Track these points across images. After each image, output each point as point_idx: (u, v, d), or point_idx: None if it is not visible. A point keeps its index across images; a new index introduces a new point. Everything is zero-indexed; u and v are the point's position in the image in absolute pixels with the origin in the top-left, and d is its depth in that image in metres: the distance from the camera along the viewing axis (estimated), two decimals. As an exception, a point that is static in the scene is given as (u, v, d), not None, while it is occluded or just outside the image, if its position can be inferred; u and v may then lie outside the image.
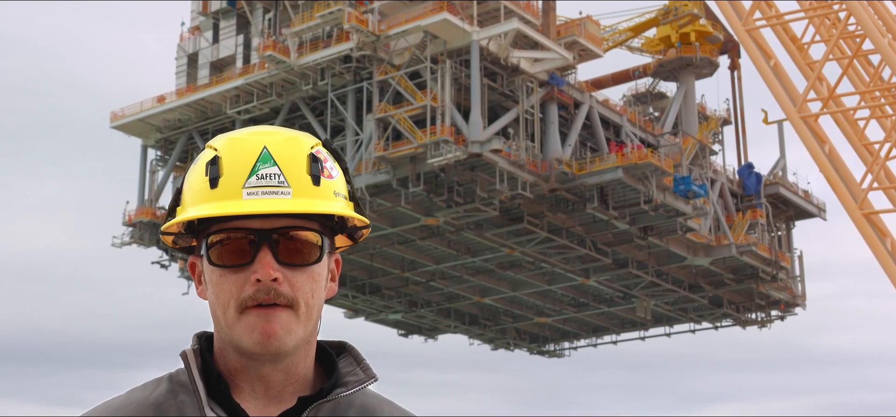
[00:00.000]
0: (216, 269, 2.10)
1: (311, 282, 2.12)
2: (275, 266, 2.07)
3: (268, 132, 2.14)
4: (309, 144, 2.16)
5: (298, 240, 2.11)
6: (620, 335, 65.73)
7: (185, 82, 51.43)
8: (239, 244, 2.09)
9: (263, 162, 2.08)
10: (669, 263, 54.55)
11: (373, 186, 45.10)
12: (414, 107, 44.19)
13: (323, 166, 2.14)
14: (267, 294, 2.06)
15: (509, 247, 50.33)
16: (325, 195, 2.12)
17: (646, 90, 59.14)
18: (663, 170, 47.03)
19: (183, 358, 2.16)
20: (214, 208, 2.07)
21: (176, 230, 2.19)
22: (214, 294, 2.12)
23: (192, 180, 2.14)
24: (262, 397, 2.14)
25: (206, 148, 2.16)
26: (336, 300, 57.64)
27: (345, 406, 2.18)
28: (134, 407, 2.13)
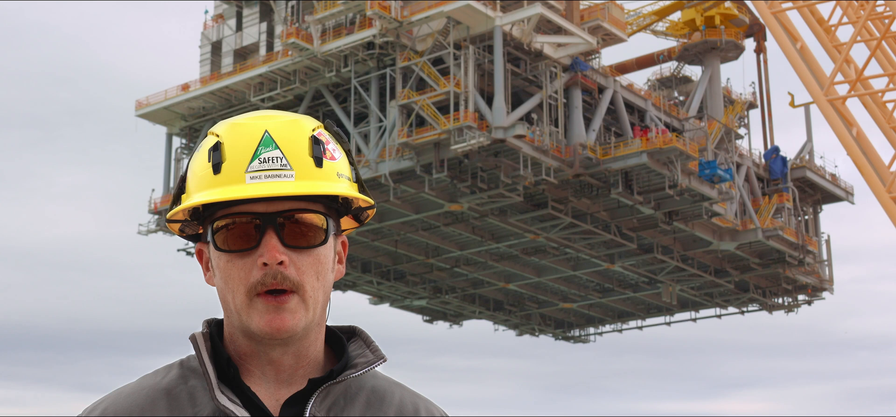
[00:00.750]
0: (223, 254, 2.11)
1: (317, 264, 2.13)
2: (281, 249, 2.07)
3: (269, 116, 2.14)
4: (310, 126, 2.16)
5: (303, 223, 2.12)
6: (646, 321, 65.59)
7: (209, 70, 51.59)
8: (244, 229, 2.10)
9: (265, 146, 2.09)
10: (695, 248, 54.32)
11: (397, 172, 45.09)
12: (437, 93, 44.11)
13: (325, 148, 2.15)
14: (274, 278, 2.07)
15: (534, 233, 50.22)
16: (327, 177, 2.13)
17: (670, 74, 58.81)
18: (688, 154, 46.77)
19: (192, 342, 2.18)
20: (217, 193, 2.07)
21: (182, 217, 2.20)
22: (222, 280, 2.12)
23: (195, 167, 2.15)
24: (272, 380, 2.15)
25: (209, 134, 2.17)
26: (361, 286, 57.80)
27: (355, 389, 2.20)
28: (145, 394, 2.14)
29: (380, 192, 46.14)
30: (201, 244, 2.22)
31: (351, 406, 2.17)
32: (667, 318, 64.64)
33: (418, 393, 2.33)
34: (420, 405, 2.28)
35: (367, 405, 2.20)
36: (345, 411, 2.16)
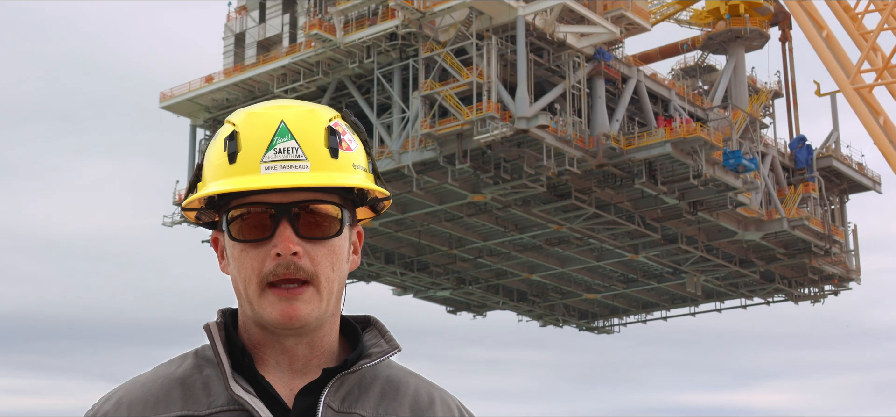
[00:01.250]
0: (237, 244, 2.11)
1: (331, 255, 2.13)
2: (295, 240, 2.07)
3: (285, 106, 2.14)
4: (327, 116, 2.15)
5: (318, 214, 2.11)
6: (670, 311, 65.39)
7: (232, 62, 51.70)
8: (259, 219, 2.09)
9: (281, 136, 2.08)
10: (720, 238, 54.06)
11: (419, 163, 45.06)
12: (460, 84, 44.02)
13: (341, 139, 2.14)
14: (287, 269, 2.07)
15: (557, 223, 50.10)
16: (343, 168, 2.12)
17: (694, 63, 58.47)
18: (713, 144, 46.50)
19: (206, 331, 2.18)
20: (232, 183, 2.07)
21: (197, 206, 2.20)
22: (236, 269, 2.12)
23: (211, 156, 2.15)
24: (286, 370, 2.15)
25: (225, 123, 2.16)
26: (384, 277, 57.85)
27: (370, 378, 2.19)
28: (160, 383, 2.15)
29: (403, 183, 46.15)
30: (217, 233, 2.22)
31: (365, 396, 2.17)
32: (692, 309, 64.44)
33: (434, 383, 2.32)
34: (435, 394, 2.28)
35: (381, 395, 2.19)
36: (359, 401, 2.16)
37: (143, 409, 2.11)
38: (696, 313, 64.53)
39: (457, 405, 2.31)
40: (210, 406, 2.09)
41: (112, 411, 2.14)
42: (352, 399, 2.15)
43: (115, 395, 2.17)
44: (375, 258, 54.67)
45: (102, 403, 2.17)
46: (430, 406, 2.24)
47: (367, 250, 54.03)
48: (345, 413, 2.12)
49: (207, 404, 2.10)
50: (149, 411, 2.11)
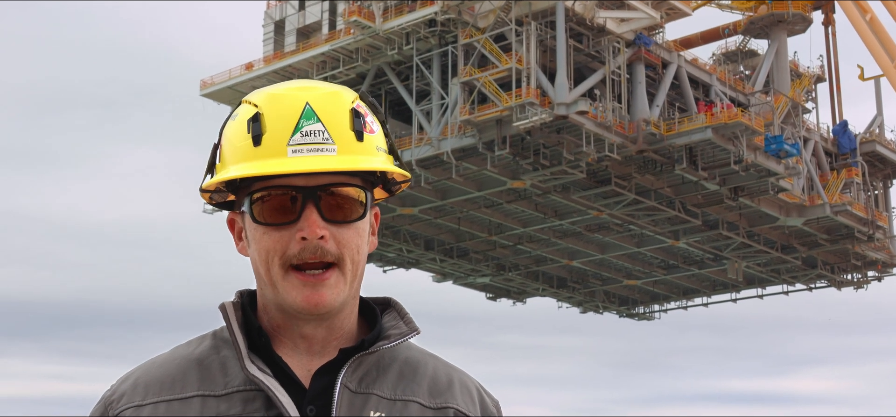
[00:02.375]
0: (259, 226, 2.09)
1: (357, 238, 2.12)
2: (321, 224, 2.06)
3: (308, 87, 2.12)
4: (350, 98, 2.14)
5: (342, 196, 2.10)
6: (711, 297, 64.97)
7: (272, 49, 51.88)
8: (281, 201, 2.08)
9: (307, 119, 2.07)
10: (761, 224, 53.63)
11: (459, 149, 45.03)
12: (499, 70, 43.92)
13: (365, 121, 2.13)
14: (313, 253, 2.06)
15: (597, 209, 49.91)
16: (368, 151, 2.11)
17: (736, 48, 57.92)
18: (754, 129, 46.08)
19: (222, 311, 2.16)
20: (260, 166, 2.05)
21: (216, 188, 2.18)
22: (257, 252, 2.10)
23: (232, 137, 2.12)
24: (304, 352, 2.14)
25: (244, 103, 2.13)
26: (424, 264, 57.94)
27: (388, 360, 2.18)
28: (177, 364, 2.15)
29: (442, 169, 46.16)
30: (233, 214, 2.21)
31: (383, 377, 2.16)
32: (733, 295, 63.97)
33: (453, 365, 2.31)
34: (454, 376, 2.26)
35: (399, 376, 2.18)
36: (377, 381, 2.14)
37: (160, 389, 2.11)
38: (737, 299, 64.07)
39: (476, 387, 2.30)
40: (227, 387, 2.09)
41: (129, 391, 2.14)
42: (369, 380, 2.14)
43: (132, 376, 2.18)
44: (415, 245, 54.75)
45: (120, 383, 2.18)
46: (449, 387, 2.22)
47: (407, 236, 54.15)
48: (362, 393, 2.11)
49: (224, 384, 2.09)
50: (166, 391, 2.10)
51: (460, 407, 2.21)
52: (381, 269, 58.86)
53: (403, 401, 2.15)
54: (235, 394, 2.08)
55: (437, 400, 2.19)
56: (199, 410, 2.07)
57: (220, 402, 2.07)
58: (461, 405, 2.22)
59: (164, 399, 2.10)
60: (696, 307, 66.02)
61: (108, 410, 2.14)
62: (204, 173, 2.19)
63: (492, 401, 2.31)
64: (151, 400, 2.10)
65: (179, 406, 2.08)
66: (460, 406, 2.21)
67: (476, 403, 2.25)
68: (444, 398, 2.20)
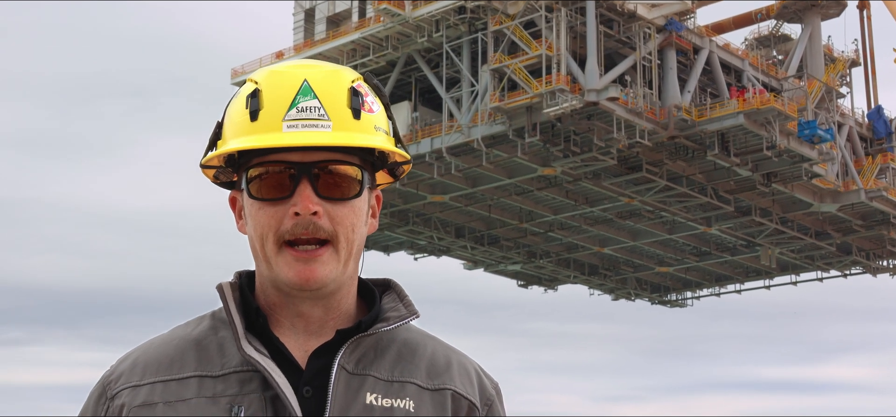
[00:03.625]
0: (255, 202, 2.10)
1: (351, 216, 2.11)
2: (314, 200, 2.06)
3: (308, 66, 2.13)
4: (350, 77, 2.15)
5: (338, 174, 2.10)
6: (744, 284, 64.63)
7: (302, 38, 52.03)
8: (279, 178, 2.08)
9: (304, 95, 2.08)
10: (794, 210, 53.23)
11: (489, 137, 44.95)
12: (529, 56, 43.79)
13: (363, 100, 2.13)
14: (306, 228, 2.06)
15: (628, 196, 49.71)
16: (365, 129, 2.11)
17: (769, 33, 57.44)
18: (787, 115, 45.70)
19: (219, 292, 2.16)
20: (254, 140, 2.06)
21: (217, 164, 2.19)
22: (253, 228, 2.11)
23: (232, 113, 2.14)
24: (301, 332, 2.14)
25: (248, 81, 2.15)
26: (455, 251, 57.95)
27: (386, 342, 2.18)
28: (175, 344, 2.16)
29: (472, 157, 46.12)
30: (235, 192, 2.22)
31: (381, 359, 2.15)
32: (766, 282, 63.63)
33: (452, 347, 2.30)
34: (453, 358, 2.25)
35: (397, 357, 2.17)
36: (374, 363, 2.14)
37: (158, 370, 2.12)
38: (770, 286, 63.73)
39: (475, 369, 2.28)
40: (224, 367, 2.09)
41: (127, 371, 2.15)
42: (367, 361, 2.13)
43: (130, 356, 2.19)
44: (446, 232, 54.78)
45: (119, 364, 2.19)
46: (447, 369, 2.21)
47: (437, 224, 54.19)
48: (359, 375, 2.11)
49: (221, 365, 2.10)
50: (163, 372, 2.11)
51: (458, 389, 2.20)
52: (412, 256, 58.98)
53: (400, 383, 2.14)
54: (232, 375, 2.08)
55: (434, 381, 2.18)
56: (196, 390, 2.08)
57: (217, 383, 2.08)
58: (459, 386, 2.20)
59: (162, 380, 2.11)
60: (729, 293, 65.76)
61: (106, 390, 2.15)
62: (205, 149, 2.19)
63: (491, 383, 2.29)
64: (149, 380, 2.11)
65: (176, 386, 2.09)
66: (458, 387, 2.20)
67: (474, 385, 2.24)
68: (441, 379, 2.19)
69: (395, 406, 2.10)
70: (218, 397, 2.06)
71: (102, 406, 2.14)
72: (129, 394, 2.11)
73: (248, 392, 2.06)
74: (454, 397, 2.18)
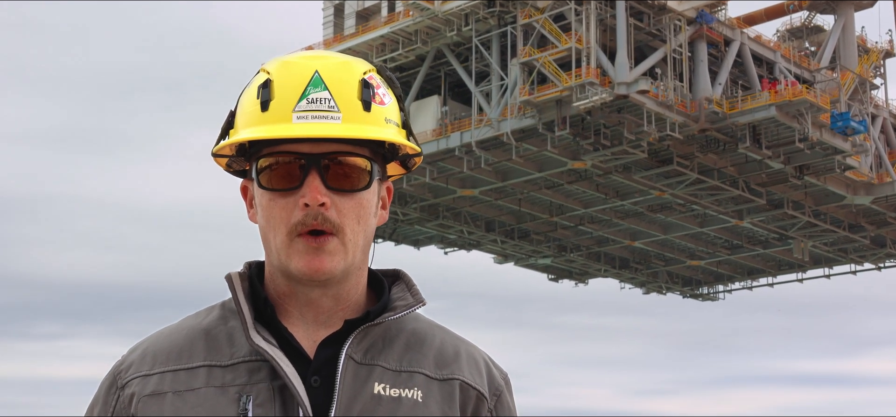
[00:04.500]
0: (266, 193, 2.11)
1: (359, 208, 2.12)
2: (323, 191, 2.07)
3: (320, 56, 2.14)
4: (361, 69, 2.15)
5: (347, 166, 2.11)
6: (777, 278, 64.25)
7: (332, 33, 52.14)
8: (288, 169, 2.09)
9: (314, 86, 2.08)
10: (827, 202, 52.86)
11: (518, 131, 44.90)
12: (559, 50, 43.68)
13: (375, 92, 2.13)
14: (315, 219, 2.07)
15: (659, 189, 49.53)
16: (375, 121, 2.11)
17: (801, 24, 56.96)
18: (820, 106, 45.36)
19: (228, 281, 2.18)
20: (264, 130, 2.07)
21: (228, 153, 2.20)
22: (264, 218, 2.13)
23: (244, 103, 2.15)
24: (311, 322, 2.15)
25: (260, 71, 2.16)
26: (485, 245, 57.93)
27: (395, 331, 2.19)
28: (184, 334, 2.18)
29: (502, 151, 46.08)
30: (246, 181, 2.23)
31: (389, 349, 2.16)
32: (799, 275, 63.25)
33: (461, 337, 2.29)
34: (461, 348, 2.25)
35: (405, 347, 2.18)
36: (382, 353, 2.15)
37: (167, 359, 2.14)
38: (803, 279, 63.33)
39: (484, 359, 2.28)
40: (233, 357, 2.11)
41: (137, 361, 2.17)
42: (375, 351, 2.14)
43: (140, 346, 2.20)
44: (476, 227, 54.79)
45: (129, 353, 2.21)
46: (456, 359, 2.21)
47: (467, 218, 54.21)
48: (367, 365, 2.11)
49: (230, 354, 2.11)
50: (173, 361, 2.13)
51: (466, 378, 2.19)
52: (443, 251, 59.04)
53: (408, 373, 2.14)
54: (241, 364, 2.10)
55: (442, 371, 2.18)
56: (205, 380, 2.09)
57: (226, 372, 2.09)
58: (467, 376, 2.20)
59: (171, 369, 2.12)
60: (762, 287, 65.39)
61: (117, 380, 2.17)
62: (217, 137, 2.20)
63: (500, 374, 2.29)
64: (158, 370, 2.13)
65: (186, 375, 2.11)
66: (466, 377, 2.19)
67: (483, 375, 2.23)
68: (450, 369, 2.19)
69: (402, 396, 2.10)
70: (227, 386, 2.08)
71: (113, 395, 2.16)
72: (139, 384, 2.13)
73: (256, 382, 2.07)
74: (462, 387, 2.18)
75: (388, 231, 55.18)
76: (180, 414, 2.07)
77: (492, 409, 2.22)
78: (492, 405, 2.23)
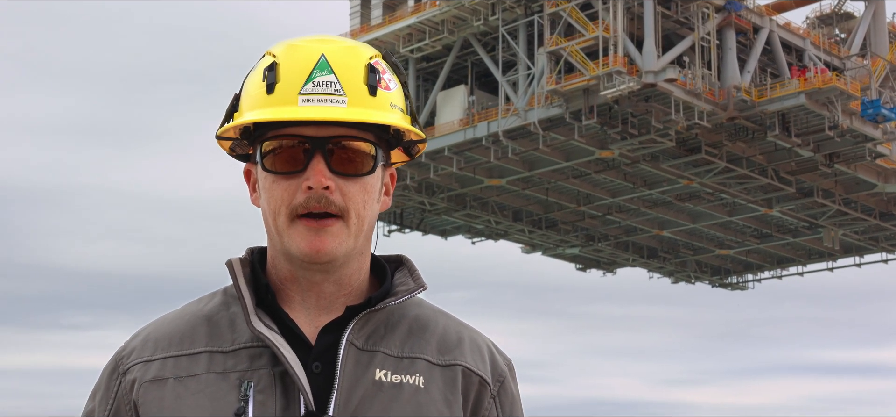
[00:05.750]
0: (269, 175, 2.11)
1: (363, 193, 2.12)
2: (327, 175, 2.07)
3: (327, 40, 2.14)
4: (368, 54, 2.15)
5: (351, 150, 2.11)
6: (806, 266, 63.83)
7: (359, 23, 52.13)
8: (293, 152, 2.09)
9: (320, 70, 2.09)
10: (858, 190, 52.47)
11: (545, 120, 44.78)
12: (586, 38, 43.52)
13: (380, 77, 2.13)
14: (318, 203, 2.07)
15: (687, 178, 49.29)
16: (380, 106, 2.11)
17: (831, 11, 56.51)
18: (849, 94, 44.99)
19: (228, 267, 2.18)
20: (269, 113, 2.08)
21: (232, 135, 2.20)
22: (267, 201, 2.13)
23: (249, 86, 2.16)
24: (312, 307, 2.15)
25: (266, 54, 2.17)
26: (513, 235, 57.88)
27: (397, 317, 2.18)
28: (186, 320, 2.18)
29: (529, 140, 45.99)
30: (249, 165, 2.23)
31: (391, 335, 2.15)
32: (829, 263, 62.80)
33: (465, 323, 2.29)
34: (465, 334, 2.24)
35: (408, 333, 2.17)
36: (385, 339, 2.14)
37: (169, 345, 2.14)
38: (833, 268, 62.88)
39: (487, 345, 2.27)
40: (234, 343, 2.11)
41: (139, 347, 2.18)
42: (377, 337, 2.13)
43: (142, 332, 2.21)
44: (503, 216, 54.74)
45: (131, 340, 2.21)
46: (459, 344, 2.20)
47: (495, 208, 54.18)
48: (368, 351, 2.11)
49: (232, 340, 2.12)
50: (174, 347, 2.13)
51: (469, 364, 2.18)
52: (470, 241, 59.05)
53: (410, 359, 2.13)
54: (242, 350, 2.10)
55: (445, 357, 2.17)
56: (207, 366, 2.10)
57: (228, 358, 2.10)
58: (470, 362, 2.19)
59: (173, 355, 2.13)
60: (791, 276, 64.99)
61: (119, 365, 2.18)
62: (221, 120, 2.20)
63: (503, 360, 2.28)
64: (160, 356, 2.14)
65: (187, 361, 2.11)
66: (469, 363, 2.18)
67: (486, 361, 2.22)
68: (452, 355, 2.18)
69: (404, 382, 2.09)
70: (228, 372, 2.08)
71: (115, 381, 2.17)
72: (141, 369, 2.14)
73: (257, 368, 2.07)
74: (465, 373, 2.17)
75: (415, 221, 55.26)
76: (181, 400, 2.07)
77: (495, 395, 2.21)
78: (495, 391, 2.21)
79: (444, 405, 2.12)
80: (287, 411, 2.04)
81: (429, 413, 2.09)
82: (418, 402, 2.09)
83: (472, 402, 2.17)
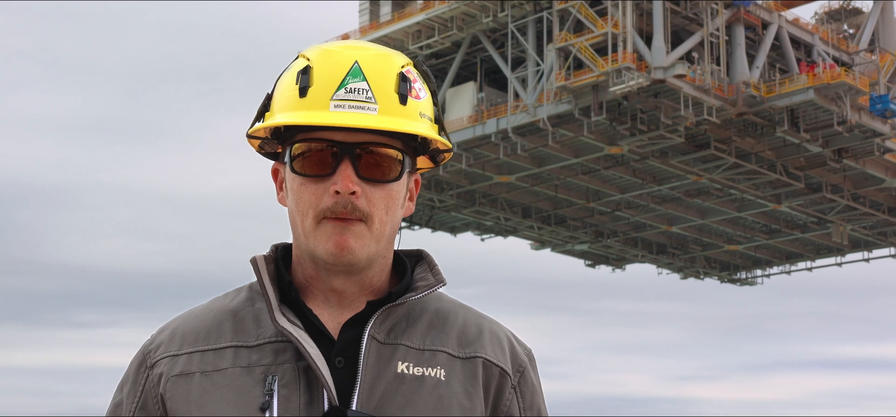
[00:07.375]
0: (297, 177, 2.17)
1: (388, 199, 2.17)
2: (354, 180, 2.12)
3: (360, 47, 2.18)
4: (400, 62, 2.20)
5: (379, 156, 2.16)
6: (815, 262, 63.77)
7: (368, 20, 52.19)
8: (322, 156, 2.15)
9: (353, 76, 2.13)
10: (867, 185, 52.40)
11: (555, 116, 44.82)
12: (595, 35, 43.53)
13: (411, 86, 2.18)
14: (344, 208, 2.12)
15: (696, 174, 49.29)
16: (410, 115, 2.16)
17: (839, 7, 56.46)
18: (858, 89, 44.93)
19: (253, 264, 2.24)
20: (301, 116, 2.12)
21: (263, 135, 2.26)
22: (294, 202, 2.19)
23: (282, 87, 2.21)
24: (335, 305, 2.21)
25: (299, 57, 2.22)
26: (522, 232, 57.92)
27: (418, 311, 2.24)
28: (213, 315, 2.24)
29: (538, 136, 46.03)
30: (277, 164, 2.29)
31: (413, 328, 2.21)
32: (838, 259, 62.71)
33: (484, 315, 2.33)
34: (484, 325, 2.29)
35: (429, 326, 2.23)
36: (406, 332, 2.20)
37: (195, 340, 2.20)
38: (842, 263, 62.80)
39: (507, 336, 2.31)
40: (259, 338, 2.16)
41: (166, 341, 2.23)
42: (398, 331, 2.19)
43: (169, 326, 2.27)
44: (513, 213, 54.78)
45: (158, 333, 2.27)
46: (479, 336, 2.25)
47: (504, 204, 54.22)
48: (390, 344, 2.16)
49: (256, 335, 2.17)
50: (201, 342, 2.19)
51: (489, 356, 2.23)
52: (479, 237, 59.11)
53: (432, 351, 2.19)
54: (267, 345, 2.15)
55: (465, 349, 2.22)
56: (232, 360, 2.15)
57: (252, 353, 2.15)
58: (490, 353, 2.24)
59: (199, 350, 2.18)
60: (800, 271, 64.92)
61: (146, 359, 2.24)
62: (253, 119, 2.25)
63: (523, 350, 2.33)
64: (187, 350, 2.19)
65: (213, 356, 2.17)
66: (489, 354, 2.23)
67: (506, 352, 2.27)
68: (473, 347, 2.23)
69: (426, 375, 2.15)
70: (253, 366, 2.13)
71: (142, 374, 2.23)
72: (168, 364, 2.19)
73: (281, 363, 2.12)
74: (485, 364, 2.22)
75: (424, 218, 55.34)
76: (208, 394, 2.13)
77: (515, 386, 2.26)
78: (515, 381, 2.26)
79: (464, 397, 2.16)
80: (311, 405, 2.09)
81: (450, 405, 2.14)
82: (439, 395, 2.14)
83: (492, 393, 2.22)
